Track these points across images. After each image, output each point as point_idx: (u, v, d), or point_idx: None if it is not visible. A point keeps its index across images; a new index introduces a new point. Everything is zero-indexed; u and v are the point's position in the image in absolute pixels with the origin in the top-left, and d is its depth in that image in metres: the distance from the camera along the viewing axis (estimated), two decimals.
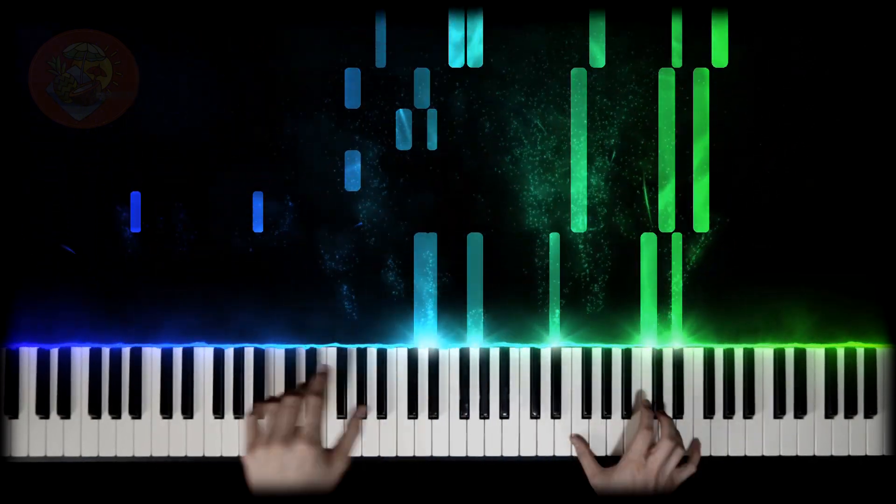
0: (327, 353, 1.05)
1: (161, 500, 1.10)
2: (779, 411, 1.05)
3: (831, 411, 1.05)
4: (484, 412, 1.05)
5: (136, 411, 1.04)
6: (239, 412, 1.04)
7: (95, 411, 1.04)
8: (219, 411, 1.04)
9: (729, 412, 1.05)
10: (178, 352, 1.04)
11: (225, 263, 1.04)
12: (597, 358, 1.05)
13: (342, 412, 1.04)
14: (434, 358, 1.05)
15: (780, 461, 1.05)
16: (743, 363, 1.05)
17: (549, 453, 1.05)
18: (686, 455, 1.02)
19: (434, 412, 1.05)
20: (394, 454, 1.05)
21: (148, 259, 1.03)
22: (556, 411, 1.05)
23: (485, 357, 1.05)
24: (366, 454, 1.05)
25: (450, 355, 1.05)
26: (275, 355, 1.05)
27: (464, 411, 1.05)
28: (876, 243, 1.05)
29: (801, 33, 1.04)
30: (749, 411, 1.05)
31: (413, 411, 1.05)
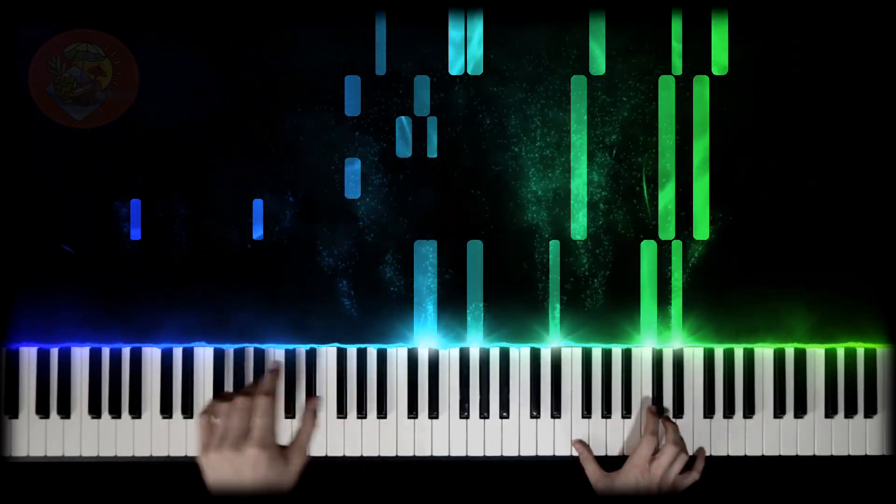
0: (327, 353, 1.05)
1: (161, 500, 1.10)
2: (779, 411, 1.05)
3: (831, 411, 1.05)
4: (484, 412, 1.05)
5: (136, 411, 1.04)
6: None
7: (95, 411, 1.04)
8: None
9: (729, 412, 1.05)
10: (178, 352, 1.04)
11: (225, 263, 1.04)
12: (597, 358, 1.05)
13: (342, 412, 1.04)
14: (434, 358, 1.05)
15: (780, 461, 1.05)
16: (743, 363, 1.05)
17: (549, 453, 1.05)
18: (693, 455, 1.03)
19: (434, 412, 1.05)
20: (394, 454, 1.05)
21: (148, 259, 1.03)
22: (556, 411, 1.05)
23: (485, 357, 1.05)
24: (366, 454, 1.05)
25: (450, 355, 1.05)
26: (275, 355, 1.05)
27: (464, 411, 1.05)
28: (876, 243, 1.05)
29: (801, 34, 1.04)
30: (749, 411, 1.05)
31: (413, 411, 1.05)
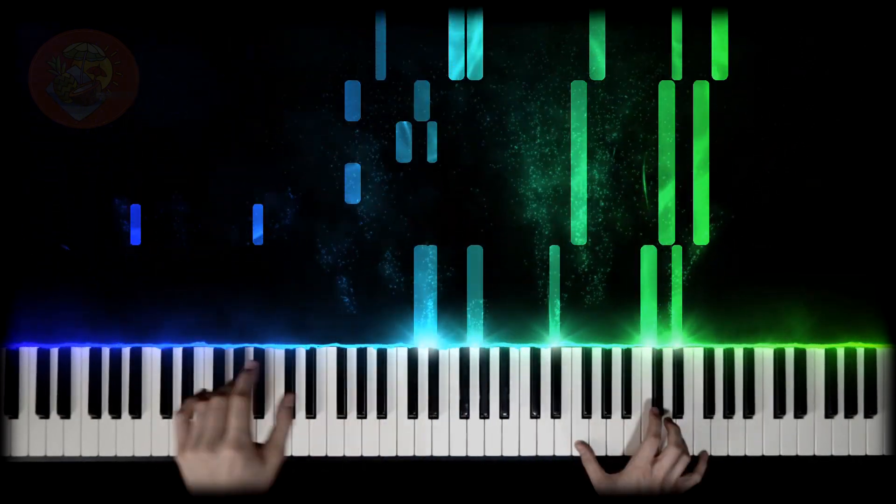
0: (327, 353, 1.05)
1: (161, 500, 1.10)
2: (779, 411, 1.05)
3: (831, 411, 1.05)
4: (484, 412, 1.05)
5: (136, 411, 1.04)
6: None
7: (95, 411, 1.04)
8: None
9: (729, 412, 1.05)
10: (178, 352, 1.04)
11: (225, 264, 1.04)
12: (597, 358, 1.05)
13: (342, 412, 1.04)
14: (434, 358, 1.05)
15: (780, 461, 1.05)
16: (743, 363, 1.05)
17: (549, 453, 1.05)
18: (694, 456, 1.03)
19: (434, 412, 1.05)
20: (394, 454, 1.05)
21: (148, 259, 1.03)
22: (556, 411, 1.05)
23: (485, 357, 1.05)
24: (366, 454, 1.05)
25: (450, 355, 1.05)
26: (275, 355, 1.05)
27: (464, 411, 1.05)
28: (876, 243, 1.05)
29: (801, 35, 1.04)
30: (749, 411, 1.05)
31: (413, 411, 1.05)
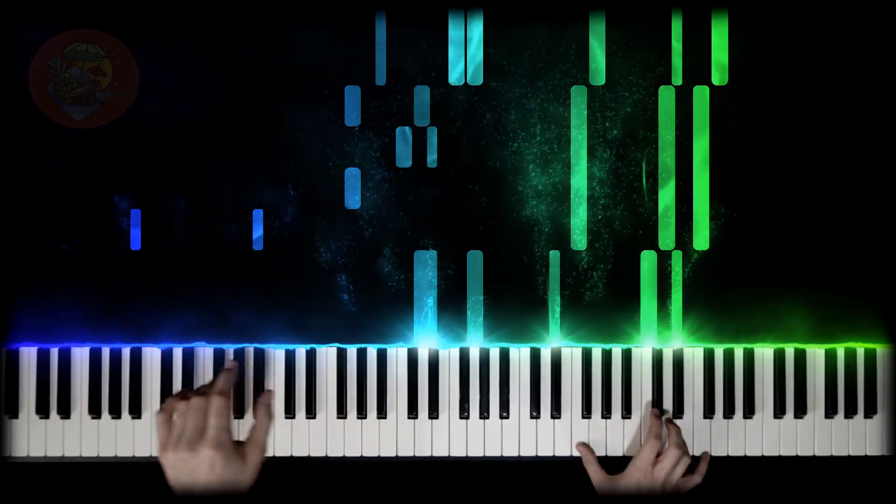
0: (327, 353, 1.05)
1: (161, 500, 1.10)
2: (779, 411, 1.05)
3: (831, 411, 1.05)
4: (484, 412, 1.05)
5: (136, 411, 1.04)
6: (239, 412, 1.04)
7: (95, 411, 1.04)
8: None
9: (729, 412, 1.05)
10: (178, 352, 1.04)
11: (225, 264, 1.04)
12: (597, 358, 1.05)
13: (342, 412, 1.04)
14: (434, 358, 1.05)
15: (780, 461, 1.05)
16: (743, 363, 1.05)
17: (549, 453, 1.05)
18: (695, 457, 1.03)
19: (434, 412, 1.05)
20: (394, 454, 1.05)
21: (148, 259, 1.03)
22: (556, 411, 1.05)
23: (485, 357, 1.05)
24: (366, 454, 1.05)
25: (450, 355, 1.05)
26: (275, 355, 1.05)
27: (464, 411, 1.05)
28: (876, 243, 1.05)
29: (800, 34, 1.04)
30: (749, 411, 1.05)
31: (413, 411, 1.05)
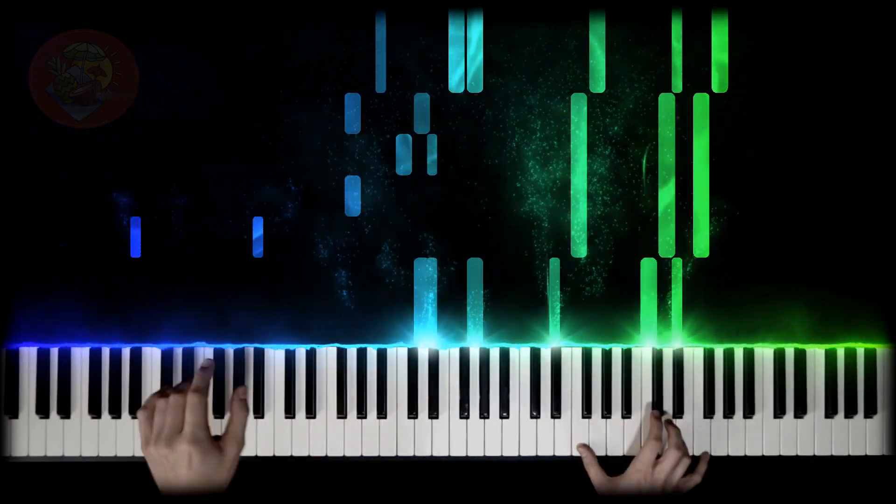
0: (327, 353, 1.05)
1: (161, 500, 1.10)
2: (779, 411, 1.05)
3: (831, 411, 1.05)
4: (484, 412, 1.05)
5: (136, 411, 1.04)
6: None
7: (95, 411, 1.04)
8: (219, 411, 1.04)
9: (729, 412, 1.05)
10: (178, 352, 1.04)
11: (225, 264, 1.04)
12: (597, 358, 1.05)
13: (342, 412, 1.04)
14: (434, 358, 1.05)
15: (780, 461, 1.05)
16: (743, 363, 1.05)
17: (549, 453, 1.05)
18: (695, 457, 1.03)
19: (434, 412, 1.05)
20: (394, 454, 1.05)
21: (148, 259, 1.03)
22: (556, 411, 1.05)
23: (485, 357, 1.05)
24: (366, 454, 1.05)
25: (450, 355, 1.05)
26: (275, 355, 1.05)
27: (464, 411, 1.05)
28: (876, 243, 1.05)
29: (800, 34, 1.04)
30: (749, 411, 1.05)
31: (413, 411, 1.05)
